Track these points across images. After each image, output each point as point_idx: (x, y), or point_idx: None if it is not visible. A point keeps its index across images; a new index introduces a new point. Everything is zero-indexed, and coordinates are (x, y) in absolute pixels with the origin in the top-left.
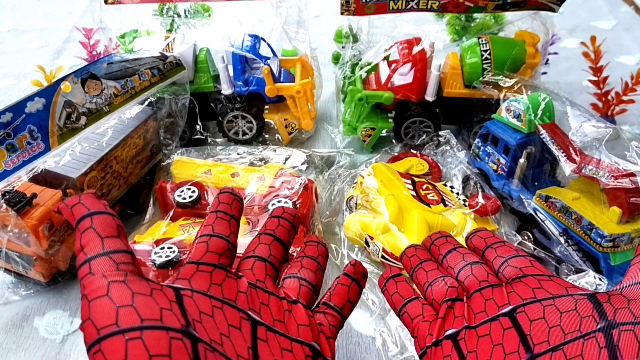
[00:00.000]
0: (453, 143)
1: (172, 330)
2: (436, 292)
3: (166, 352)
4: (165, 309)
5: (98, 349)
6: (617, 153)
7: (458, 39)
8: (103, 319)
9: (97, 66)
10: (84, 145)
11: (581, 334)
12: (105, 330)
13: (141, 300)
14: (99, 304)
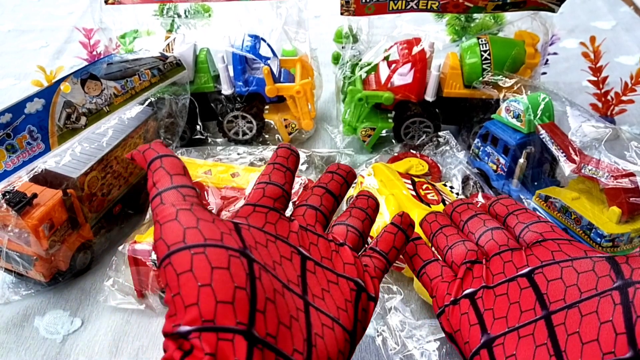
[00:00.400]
0: (453, 143)
1: (231, 250)
2: (456, 255)
3: (225, 265)
4: (225, 233)
5: (168, 262)
6: (616, 153)
7: (458, 39)
8: (172, 238)
9: (97, 66)
10: (84, 146)
11: (597, 292)
12: (174, 246)
13: (204, 224)
14: (169, 226)
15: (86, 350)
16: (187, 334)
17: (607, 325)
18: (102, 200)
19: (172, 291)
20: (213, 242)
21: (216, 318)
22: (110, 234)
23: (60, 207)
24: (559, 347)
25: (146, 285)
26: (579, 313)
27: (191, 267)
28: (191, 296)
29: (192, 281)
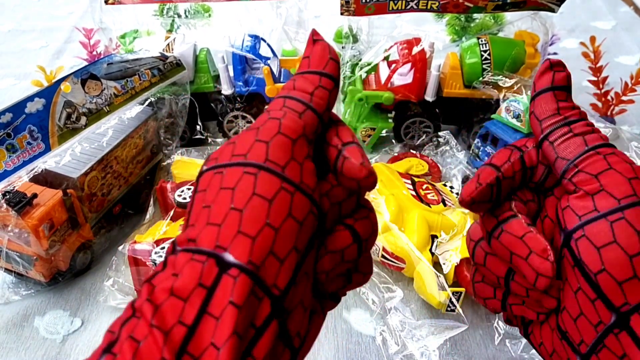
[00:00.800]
0: (453, 143)
1: (286, 182)
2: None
3: (270, 196)
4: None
5: (221, 171)
6: None
7: (458, 39)
8: (241, 149)
9: (97, 66)
10: (84, 146)
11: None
12: (235, 159)
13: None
14: (244, 135)
15: (86, 351)
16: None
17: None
18: (102, 200)
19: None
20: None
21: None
22: (110, 234)
23: (60, 207)
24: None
25: None
26: None
27: (235, 185)
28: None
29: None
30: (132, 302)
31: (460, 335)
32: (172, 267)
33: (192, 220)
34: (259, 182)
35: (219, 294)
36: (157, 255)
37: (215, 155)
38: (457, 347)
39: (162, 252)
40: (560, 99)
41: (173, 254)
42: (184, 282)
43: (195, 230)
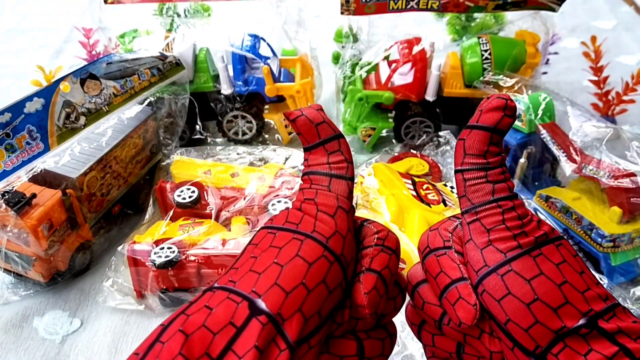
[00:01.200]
0: (453, 143)
1: (328, 251)
2: None
3: (311, 260)
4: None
5: (274, 232)
6: (617, 153)
7: (458, 38)
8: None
9: (96, 66)
10: (83, 145)
11: None
12: (288, 225)
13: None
14: (293, 210)
15: (85, 351)
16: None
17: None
18: (101, 200)
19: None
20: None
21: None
22: (109, 234)
23: (60, 207)
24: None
25: (145, 285)
26: None
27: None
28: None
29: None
30: (163, 327)
31: None
32: (206, 300)
33: (238, 264)
34: (304, 246)
35: (245, 335)
36: (157, 256)
37: (273, 218)
38: None
39: (162, 252)
40: (494, 142)
41: (210, 290)
42: (217, 317)
43: (238, 274)
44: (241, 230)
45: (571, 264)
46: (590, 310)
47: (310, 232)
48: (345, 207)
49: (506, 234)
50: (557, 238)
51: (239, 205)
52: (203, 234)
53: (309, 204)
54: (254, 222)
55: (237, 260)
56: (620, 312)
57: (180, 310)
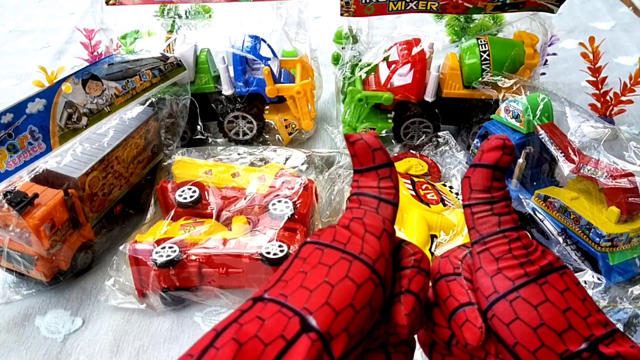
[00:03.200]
0: (452, 144)
1: (375, 274)
2: None
3: (360, 282)
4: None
5: (322, 249)
6: (615, 153)
7: (457, 39)
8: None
9: (98, 67)
10: (85, 146)
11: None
12: (336, 244)
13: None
14: (340, 229)
15: (87, 350)
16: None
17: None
18: (103, 200)
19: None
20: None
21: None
22: (111, 234)
23: (62, 207)
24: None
25: (147, 284)
26: None
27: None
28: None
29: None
30: (217, 332)
31: None
32: (259, 311)
33: (287, 278)
34: (353, 267)
35: (295, 349)
36: (158, 255)
37: (319, 233)
38: None
39: (163, 251)
40: (496, 177)
41: (262, 301)
42: (269, 329)
43: (288, 288)
44: (242, 230)
45: (574, 292)
46: (592, 335)
47: (358, 253)
48: (390, 230)
49: (513, 262)
50: (561, 267)
51: (240, 205)
52: (204, 234)
53: (357, 223)
54: (254, 221)
55: (284, 272)
56: (619, 337)
57: (232, 317)
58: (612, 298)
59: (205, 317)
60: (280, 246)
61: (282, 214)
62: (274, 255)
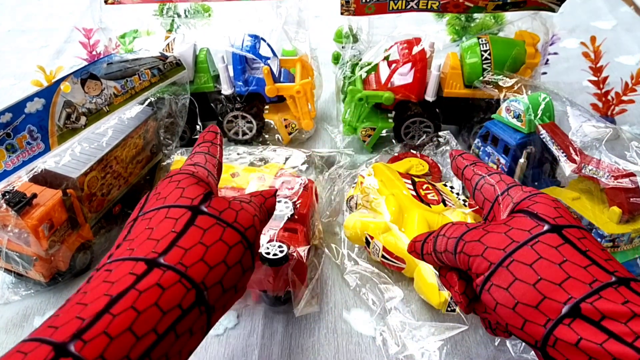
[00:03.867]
0: (453, 143)
1: (222, 222)
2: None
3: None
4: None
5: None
6: (617, 153)
7: (458, 39)
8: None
9: (97, 66)
10: (84, 146)
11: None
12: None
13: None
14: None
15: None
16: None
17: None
18: (101, 200)
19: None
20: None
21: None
22: (110, 234)
23: (60, 207)
24: None
25: None
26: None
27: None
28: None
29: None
30: (112, 297)
31: (461, 336)
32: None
33: (156, 236)
34: (199, 219)
35: (147, 279)
36: None
37: (164, 195)
38: (457, 347)
39: None
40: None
41: (158, 267)
42: (117, 274)
43: (160, 247)
44: None
45: (548, 258)
46: (570, 298)
47: (232, 222)
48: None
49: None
50: (536, 236)
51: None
52: None
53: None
54: None
55: (129, 231)
56: (611, 292)
57: (128, 283)
58: None
59: None
60: (280, 246)
61: (282, 214)
62: (274, 255)
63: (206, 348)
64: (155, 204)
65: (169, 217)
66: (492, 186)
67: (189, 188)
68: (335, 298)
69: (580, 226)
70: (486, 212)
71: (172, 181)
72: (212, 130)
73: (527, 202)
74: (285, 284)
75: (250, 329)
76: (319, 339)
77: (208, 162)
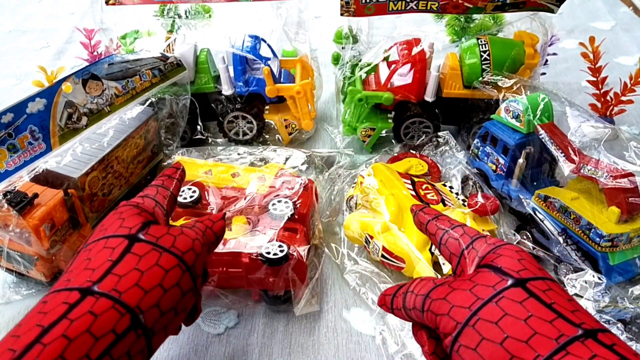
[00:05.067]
0: (452, 144)
1: (160, 248)
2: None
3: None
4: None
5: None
6: (615, 153)
7: (457, 39)
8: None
9: (98, 67)
10: (85, 146)
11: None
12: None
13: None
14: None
15: None
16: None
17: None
18: (103, 200)
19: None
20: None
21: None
22: None
23: (61, 207)
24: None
25: None
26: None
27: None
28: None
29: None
30: (43, 328)
31: None
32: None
33: (92, 266)
34: (135, 247)
35: (79, 307)
36: None
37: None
38: None
39: None
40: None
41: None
42: (51, 304)
43: (95, 274)
44: (242, 230)
45: (513, 314)
46: (538, 356)
47: (169, 247)
48: (202, 239)
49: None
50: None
51: (240, 205)
52: None
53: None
54: (254, 221)
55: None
56: (578, 346)
57: (60, 312)
58: (613, 298)
59: (205, 317)
60: (280, 246)
61: (282, 214)
62: (274, 255)
63: (207, 347)
64: (97, 235)
65: (107, 246)
66: (456, 240)
67: (129, 218)
68: (335, 297)
69: (546, 277)
70: (454, 266)
71: (116, 213)
72: (175, 165)
73: (492, 255)
74: (286, 283)
75: (251, 328)
76: (319, 338)
77: (159, 194)
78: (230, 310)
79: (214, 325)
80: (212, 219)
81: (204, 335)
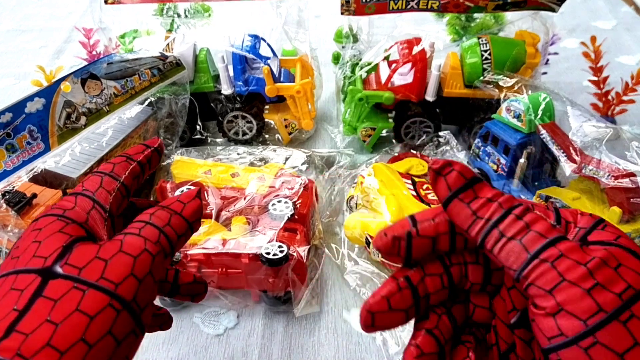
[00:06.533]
0: (453, 143)
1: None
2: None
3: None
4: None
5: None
6: (617, 153)
7: (458, 39)
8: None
9: (97, 66)
10: (83, 145)
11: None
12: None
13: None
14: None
15: None
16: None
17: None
18: None
19: None
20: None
21: None
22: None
23: None
24: None
25: None
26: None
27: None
28: None
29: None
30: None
31: None
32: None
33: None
34: (49, 287)
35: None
36: None
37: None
38: None
39: None
40: (468, 200)
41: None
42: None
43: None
44: (241, 230)
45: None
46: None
47: (95, 280)
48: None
49: (576, 291)
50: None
51: (239, 205)
52: (203, 234)
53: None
54: (254, 222)
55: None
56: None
57: None
58: None
59: (205, 318)
60: (280, 247)
61: (282, 214)
62: (274, 255)
63: (206, 348)
64: (7, 266)
65: (14, 288)
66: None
67: (47, 240)
68: (335, 298)
69: None
70: None
71: (34, 229)
72: (147, 142)
73: None
74: (286, 284)
75: (251, 329)
76: (319, 339)
77: (102, 188)
78: (230, 311)
79: (213, 326)
80: (183, 199)
81: (203, 336)
